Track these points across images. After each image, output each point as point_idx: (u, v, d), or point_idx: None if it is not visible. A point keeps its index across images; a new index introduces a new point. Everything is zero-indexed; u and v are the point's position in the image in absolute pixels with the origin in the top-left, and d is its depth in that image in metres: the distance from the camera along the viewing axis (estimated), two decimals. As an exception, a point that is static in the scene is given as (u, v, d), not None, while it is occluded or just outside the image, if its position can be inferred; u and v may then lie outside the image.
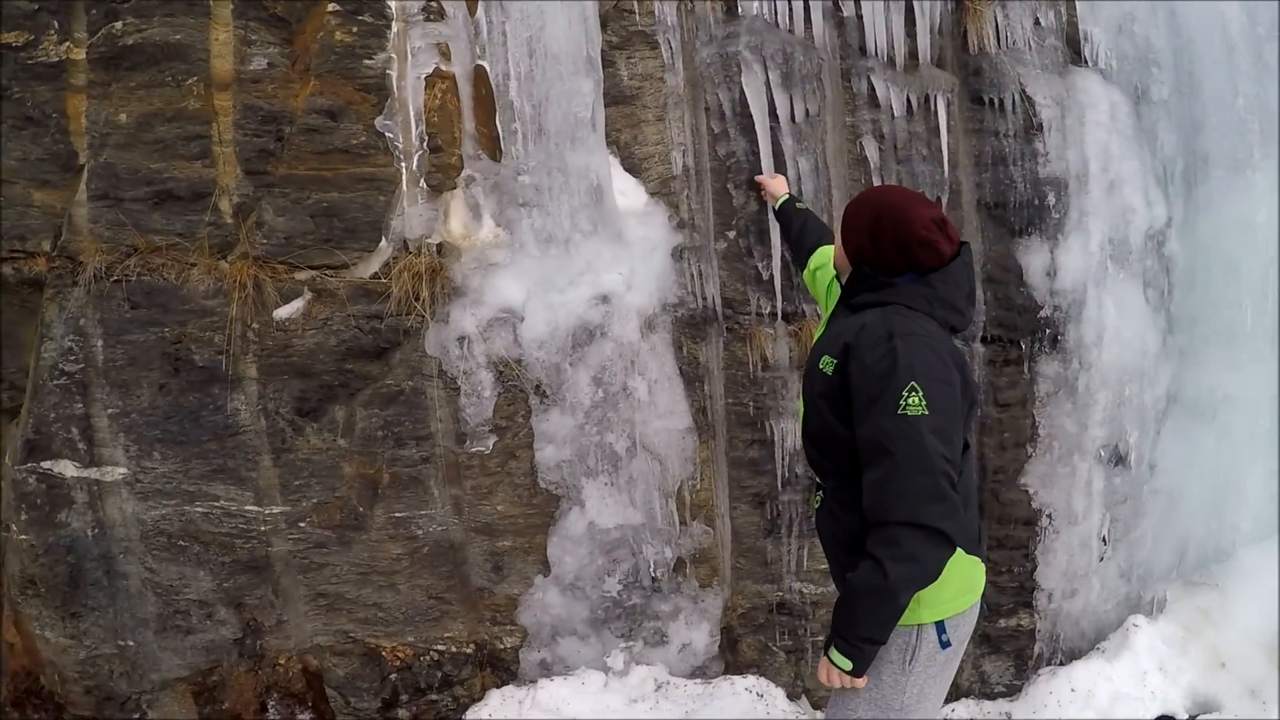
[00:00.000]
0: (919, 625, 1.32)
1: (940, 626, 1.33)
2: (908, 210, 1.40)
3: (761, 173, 2.24)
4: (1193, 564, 2.67)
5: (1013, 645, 2.48)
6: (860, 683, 1.30)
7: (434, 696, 2.34)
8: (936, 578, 1.27)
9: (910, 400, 1.24)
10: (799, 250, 2.03)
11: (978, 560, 1.42)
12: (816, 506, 1.48)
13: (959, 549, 1.30)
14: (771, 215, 2.21)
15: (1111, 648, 2.52)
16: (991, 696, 2.48)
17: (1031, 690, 2.46)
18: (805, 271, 1.98)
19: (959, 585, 1.36)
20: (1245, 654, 2.53)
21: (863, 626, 1.26)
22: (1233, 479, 2.64)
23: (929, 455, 1.23)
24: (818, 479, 1.48)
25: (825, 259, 1.82)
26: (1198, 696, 2.48)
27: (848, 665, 1.29)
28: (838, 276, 1.61)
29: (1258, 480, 2.68)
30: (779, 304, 2.27)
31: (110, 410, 2.23)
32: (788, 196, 2.15)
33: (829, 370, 1.37)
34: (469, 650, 2.34)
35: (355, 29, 2.17)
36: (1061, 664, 2.49)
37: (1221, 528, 2.67)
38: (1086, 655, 2.50)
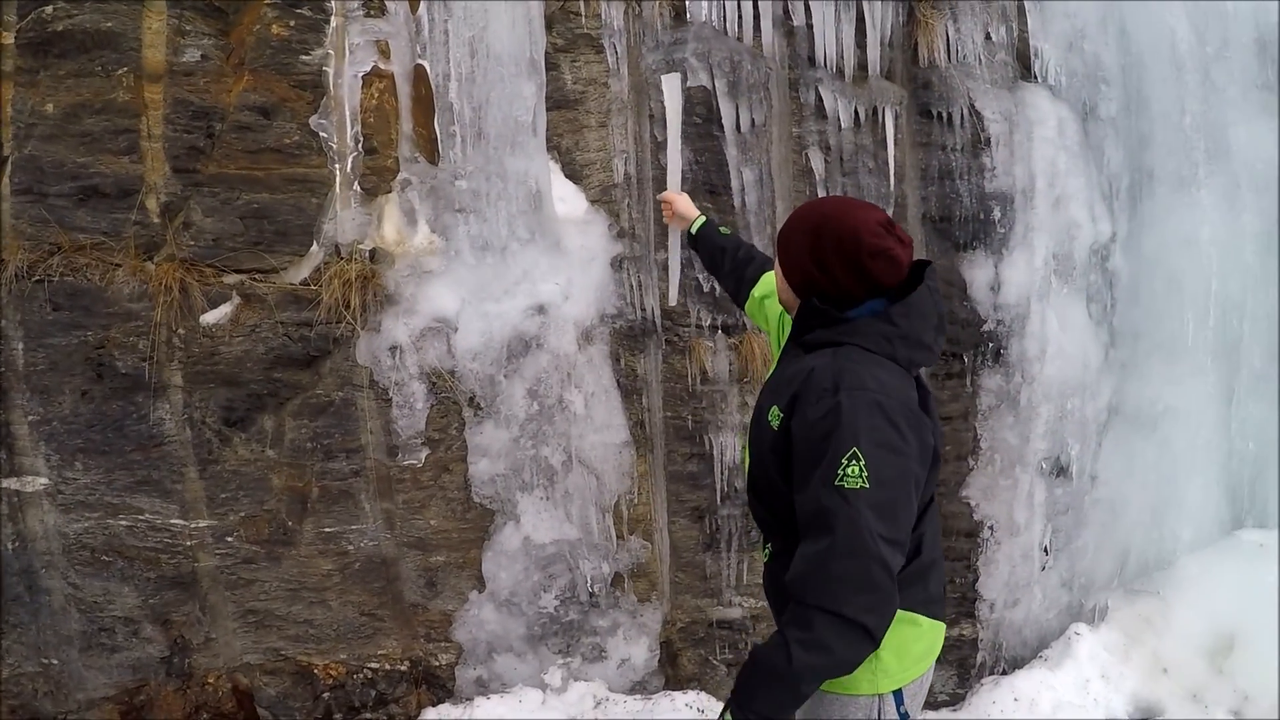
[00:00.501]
0: (878, 695, 1.23)
1: (899, 696, 1.24)
2: (848, 219, 1.21)
3: (707, 186, 2.13)
4: (1134, 572, 2.71)
5: (955, 655, 2.49)
6: None
7: (368, 715, 2.28)
8: (849, 672, 1.15)
9: (850, 470, 1.10)
10: (737, 280, 1.78)
11: (939, 624, 1.30)
12: (766, 560, 1.34)
13: (910, 612, 1.22)
14: (676, 240, 1.94)
15: (1054, 656, 2.55)
16: (935, 706, 2.49)
17: (974, 699, 2.48)
18: (749, 303, 1.74)
19: (921, 651, 1.27)
20: (1186, 660, 2.58)
21: (759, 703, 1.13)
22: (1173, 489, 2.69)
23: (863, 537, 1.09)
24: (763, 532, 1.34)
25: (769, 289, 1.64)
26: (1140, 702, 2.53)
27: None
28: (785, 310, 1.39)
29: (1197, 490, 2.73)
30: (719, 316, 2.23)
31: (31, 417, 2.13)
32: (704, 220, 1.92)
33: (775, 424, 1.21)
34: (403, 668, 2.28)
35: (293, 23, 2.09)
36: (1004, 673, 2.51)
37: (1162, 536, 2.72)
38: (1029, 664, 2.53)
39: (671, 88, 1.78)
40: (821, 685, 1.20)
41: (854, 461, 1.11)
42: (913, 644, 1.25)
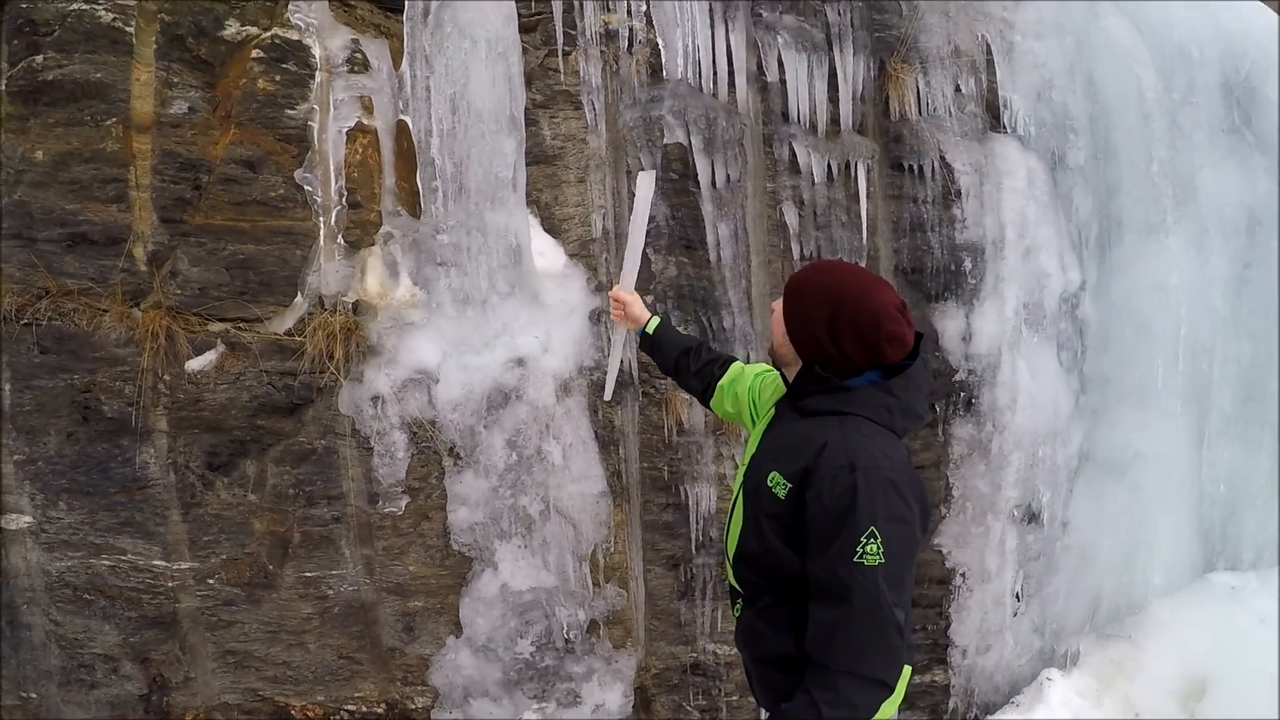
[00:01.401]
0: None
1: None
2: (868, 300, 1.26)
3: (683, 241, 2.12)
4: (1105, 617, 2.74)
5: (927, 701, 2.52)
6: None
7: (345, 756, 2.31)
8: None
9: (868, 548, 1.19)
10: (705, 380, 1.72)
11: (908, 668, 1.37)
12: (737, 616, 1.40)
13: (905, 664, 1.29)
14: (620, 339, 1.83)
15: (1026, 701, 2.58)
16: (908, 750, 2.53)
17: (947, 744, 2.51)
18: (716, 396, 1.70)
19: (900, 691, 1.35)
20: (1159, 704, 2.61)
21: None
22: (1144, 534, 2.73)
23: (881, 608, 1.19)
24: (740, 591, 1.39)
25: (739, 373, 1.67)
26: (1112, 747, 2.55)
27: None
28: (778, 366, 1.42)
29: (1168, 534, 2.77)
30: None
31: (16, 456, 2.17)
32: (659, 318, 1.84)
33: (781, 494, 1.27)
34: (380, 710, 2.31)
35: (278, 77, 2.15)
36: (976, 719, 2.54)
37: (1133, 581, 2.75)
38: (1001, 709, 2.55)
39: (646, 184, 1.61)
40: None
41: (872, 539, 1.20)
42: (897, 688, 1.33)
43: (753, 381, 1.59)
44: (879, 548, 1.20)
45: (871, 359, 1.28)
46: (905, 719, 2.51)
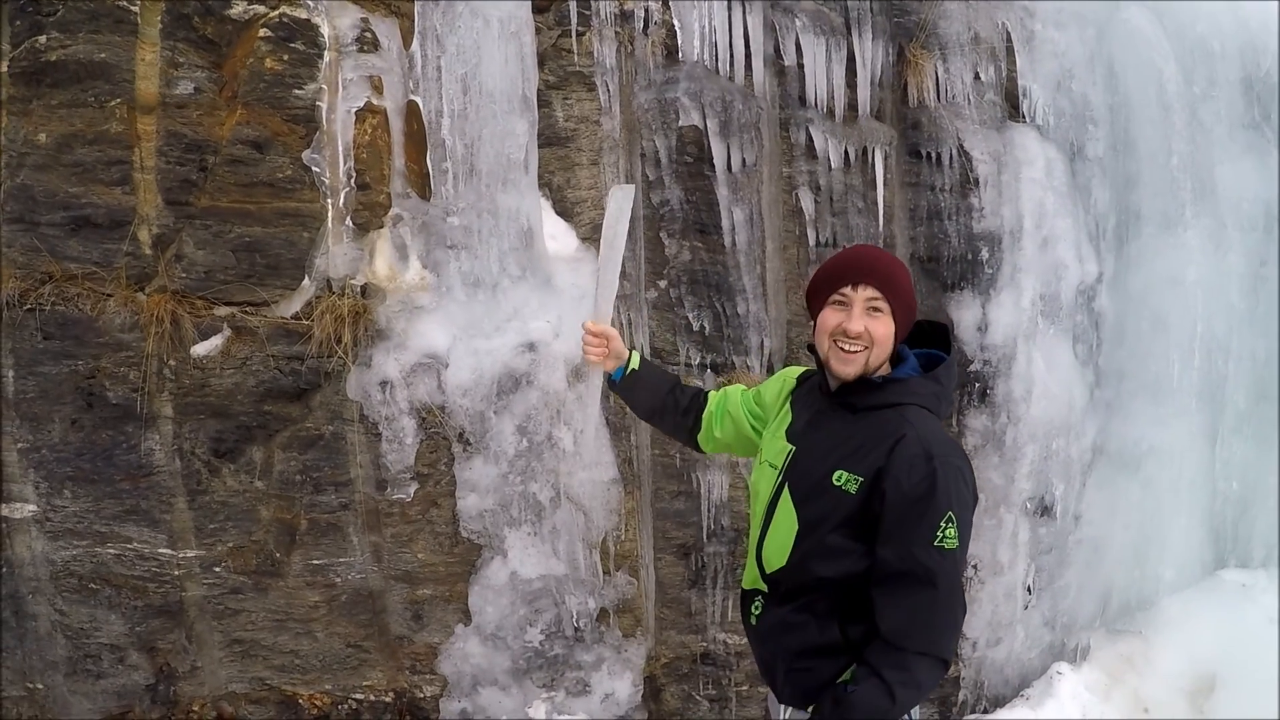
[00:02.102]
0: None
1: (909, 715, 1.35)
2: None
3: (697, 226, 2.08)
4: (1116, 612, 2.73)
5: (937, 693, 2.51)
6: None
7: (352, 745, 2.30)
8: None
9: (947, 533, 1.24)
10: (691, 410, 1.61)
11: None
12: (757, 614, 1.40)
13: None
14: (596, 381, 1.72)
15: (1036, 695, 2.57)
16: (916, 743, 2.52)
17: (956, 737, 2.51)
18: (705, 427, 1.60)
19: None
20: (1168, 700, 2.60)
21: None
22: (1156, 529, 2.72)
23: (957, 590, 1.26)
24: (764, 591, 1.38)
25: (722, 396, 1.61)
26: (1121, 742, 2.55)
27: None
28: (841, 379, 1.34)
29: (1180, 530, 2.76)
30: (709, 355, 2.24)
31: (20, 444, 2.14)
32: (639, 354, 1.65)
33: (853, 489, 1.28)
34: (388, 699, 2.29)
35: (286, 57, 2.10)
36: (986, 711, 2.53)
37: (1144, 576, 2.75)
38: (1011, 702, 2.55)
39: (622, 200, 1.43)
40: None
41: (950, 524, 1.25)
42: None
43: (742, 396, 1.56)
44: (956, 532, 1.25)
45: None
46: (915, 711, 2.50)
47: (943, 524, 1.24)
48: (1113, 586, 2.71)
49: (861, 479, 1.27)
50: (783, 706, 1.38)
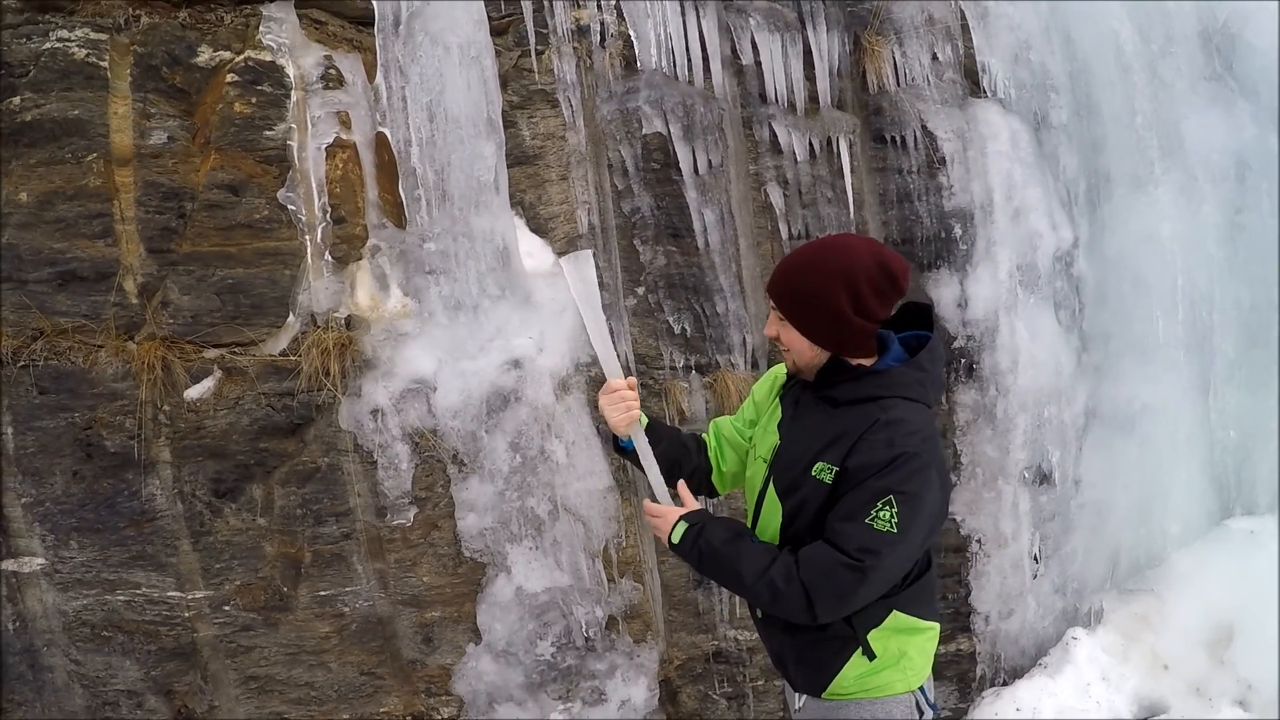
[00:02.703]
0: (910, 691, 1.36)
1: (923, 691, 1.38)
2: (861, 253, 1.28)
3: (670, 230, 2.09)
4: (1126, 572, 2.73)
5: (954, 670, 2.51)
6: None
7: (374, 772, 2.31)
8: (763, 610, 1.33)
9: (882, 514, 1.22)
10: (699, 453, 1.57)
11: (937, 624, 1.42)
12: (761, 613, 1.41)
13: (929, 621, 1.35)
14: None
15: (1053, 663, 2.57)
16: (938, 722, 2.51)
17: (976, 713, 2.50)
18: (715, 469, 1.58)
19: (933, 649, 1.42)
20: (1187, 654, 2.60)
21: (708, 541, 1.30)
22: (1158, 486, 2.72)
23: (869, 571, 1.22)
24: None
25: (717, 426, 1.59)
26: (1143, 701, 2.54)
27: (676, 539, 1.35)
28: (798, 377, 1.38)
29: (1182, 484, 2.76)
30: (692, 357, 2.27)
31: (24, 499, 2.17)
32: (648, 419, 1.56)
33: (828, 478, 1.28)
34: (406, 723, 2.32)
35: (254, 99, 2.14)
36: (1005, 684, 2.53)
37: (1151, 534, 2.74)
38: (1029, 673, 2.54)
39: (579, 267, 1.35)
40: (859, 692, 1.36)
41: (888, 508, 1.23)
42: (929, 645, 1.42)
43: (730, 421, 1.56)
44: (892, 516, 1.22)
45: (891, 305, 1.30)
46: (934, 689, 2.49)
47: (881, 504, 1.23)
48: (1120, 547, 2.70)
49: (835, 469, 1.28)
50: (797, 695, 1.39)
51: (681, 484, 1.44)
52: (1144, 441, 2.65)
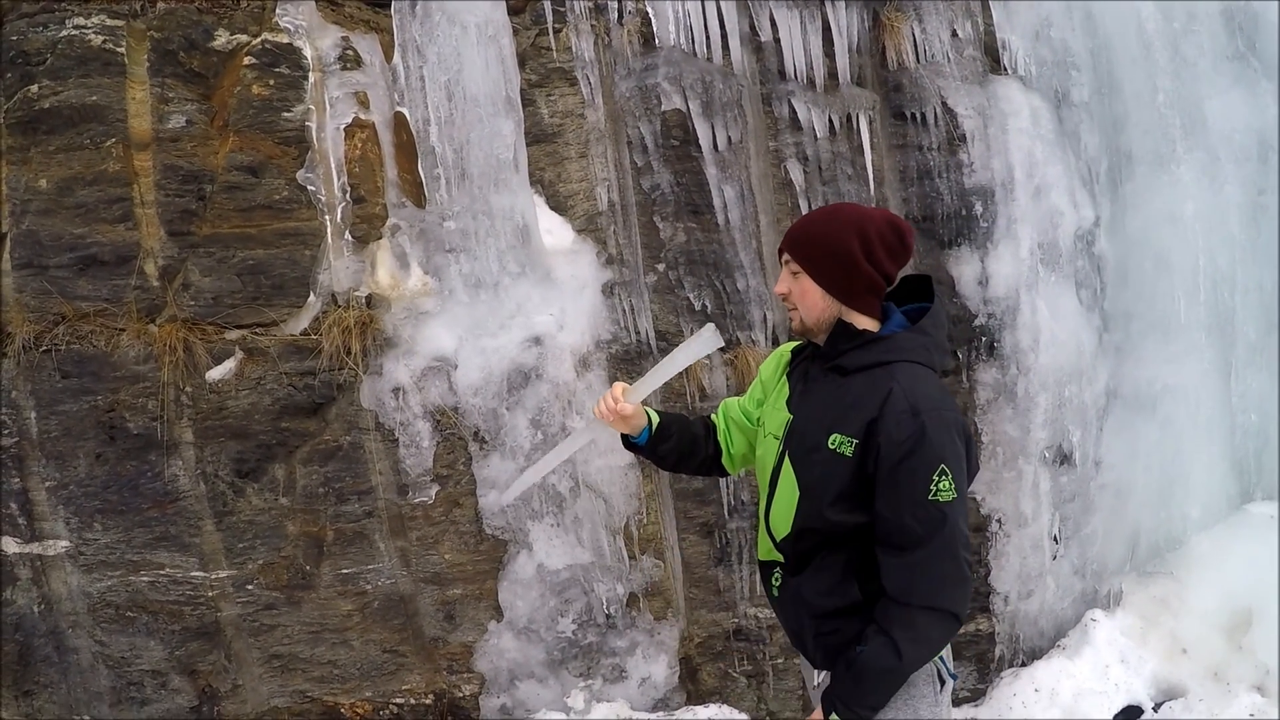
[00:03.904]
0: (931, 660, 1.34)
1: (943, 660, 1.37)
2: (872, 212, 1.34)
3: (690, 207, 2.11)
4: (1146, 555, 2.71)
5: (973, 650, 2.50)
6: None
7: (397, 750, 2.32)
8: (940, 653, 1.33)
9: (942, 485, 1.23)
10: (708, 438, 1.55)
11: None
12: (778, 586, 1.39)
13: None
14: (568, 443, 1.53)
15: (1072, 644, 2.55)
16: (957, 703, 2.50)
17: (995, 694, 2.49)
18: (724, 451, 1.56)
19: None
20: (1205, 638, 2.58)
21: (870, 698, 1.30)
22: (1178, 468, 2.69)
23: (957, 541, 1.24)
24: (780, 562, 1.37)
25: (724, 408, 1.57)
26: (1161, 684, 2.53)
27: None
28: (810, 340, 1.38)
29: (1203, 467, 2.73)
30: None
31: (48, 483, 2.19)
32: (658, 414, 1.54)
33: (848, 451, 1.27)
34: (428, 701, 2.32)
35: (272, 81, 2.15)
36: (1023, 665, 2.52)
37: (1171, 517, 2.72)
38: (1048, 654, 2.53)
39: (706, 342, 1.39)
40: None
41: (944, 477, 1.24)
42: None
43: (738, 402, 1.56)
44: (951, 484, 1.24)
45: (898, 264, 1.33)
46: (955, 671, 2.49)
47: (936, 477, 1.24)
48: (1140, 529, 2.68)
49: (856, 441, 1.26)
50: (816, 671, 1.38)
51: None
52: (1165, 423, 2.62)
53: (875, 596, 1.29)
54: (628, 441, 1.53)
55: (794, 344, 1.47)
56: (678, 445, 1.52)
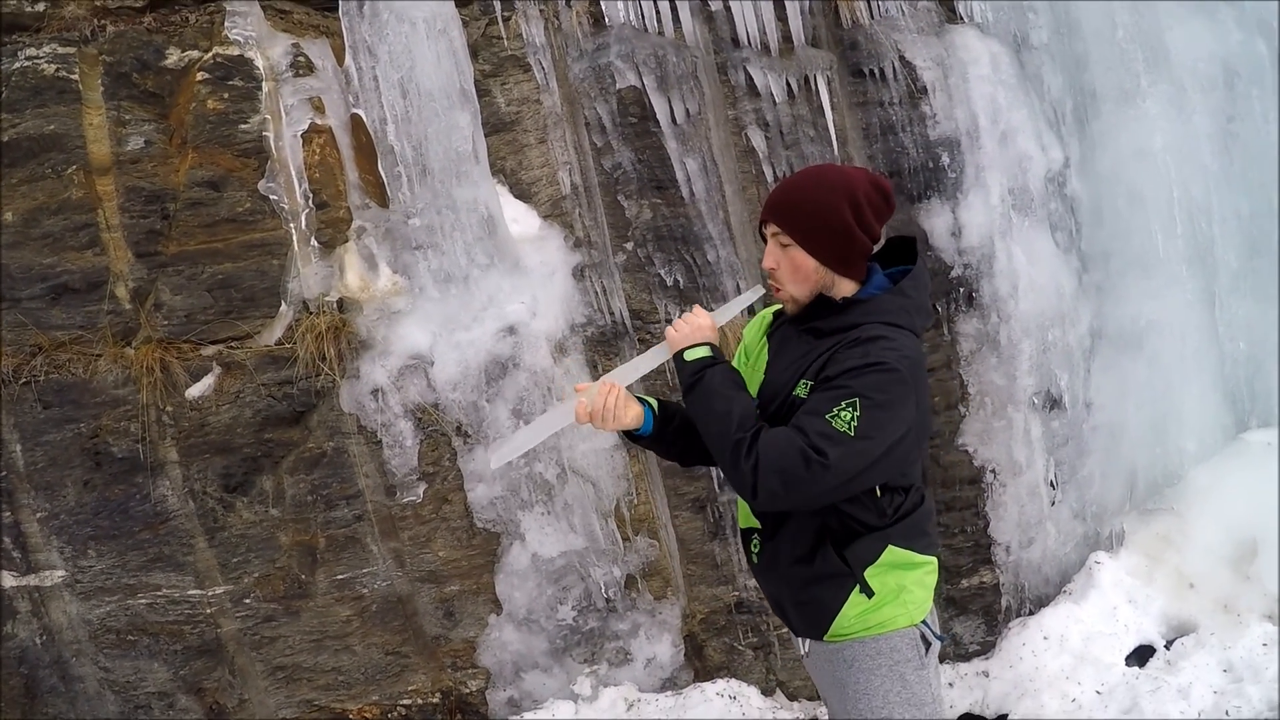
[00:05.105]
0: (913, 625, 1.32)
1: (926, 624, 1.34)
2: (853, 173, 1.32)
3: (653, 183, 2.09)
4: (1145, 493, 2.69)
5: (979, 604, 2.49)
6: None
7: (409, 751, 2.32)
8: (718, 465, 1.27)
9: (842, 414, 1.18)
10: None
11: (935, 558, 1.38)
12: (757, 552, 1.37)
13: (925, 555, 1.31)
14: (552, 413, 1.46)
15: (1077, 589, 2.53)
16: (966, 657, 2.49)
17: (1005, 645, 2.47)
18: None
19: (933, 582, 1.37)
20: (1212, 571, 2.55)
21: (718, 392, 1.25)
22: (1170, 403, 2.67)
23: (811, 465, 1.17)
24: (758, 527, 1.36)
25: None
26: (1171, 621, 2.51)
27: (690, 356, 1.30)
28: (785, 311, 1.36)
29: (1195, 399, 2.71)
30: (687, 308, 2.20)
31: (39, 514, 2.19)
32: (656, 401, 1.50)
33: (803, 393, 1.26)
34: (435, 699, 2.32)
35: (227, 95, 2.14)
36: (1031, 614, 2.50)
37: (1167, 452, 2.69)
38: (1054, 601, 2.51)
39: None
40: (860, 631, 1.32)
41: (851, 409, 1.19)
42: (928, 579, 1.37)
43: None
44: (853, 419, 1.18)
45: (883, 222, 1.31)
46: (960, 624, 2.49)
47: (844, 404, 1.20)
48: (1137, 468, 2.65)
49: (812, 383, 1.25)
50: (800, 640, 1.36)
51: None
52: (1152, 359, 2.60)
53: (853, 563, 1.26)
54: (631, 436, 1.45)
55: (775, 307, 1.45)
56: (683, 425, 1.45)
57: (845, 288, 1.31)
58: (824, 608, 1.30)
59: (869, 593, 1.28)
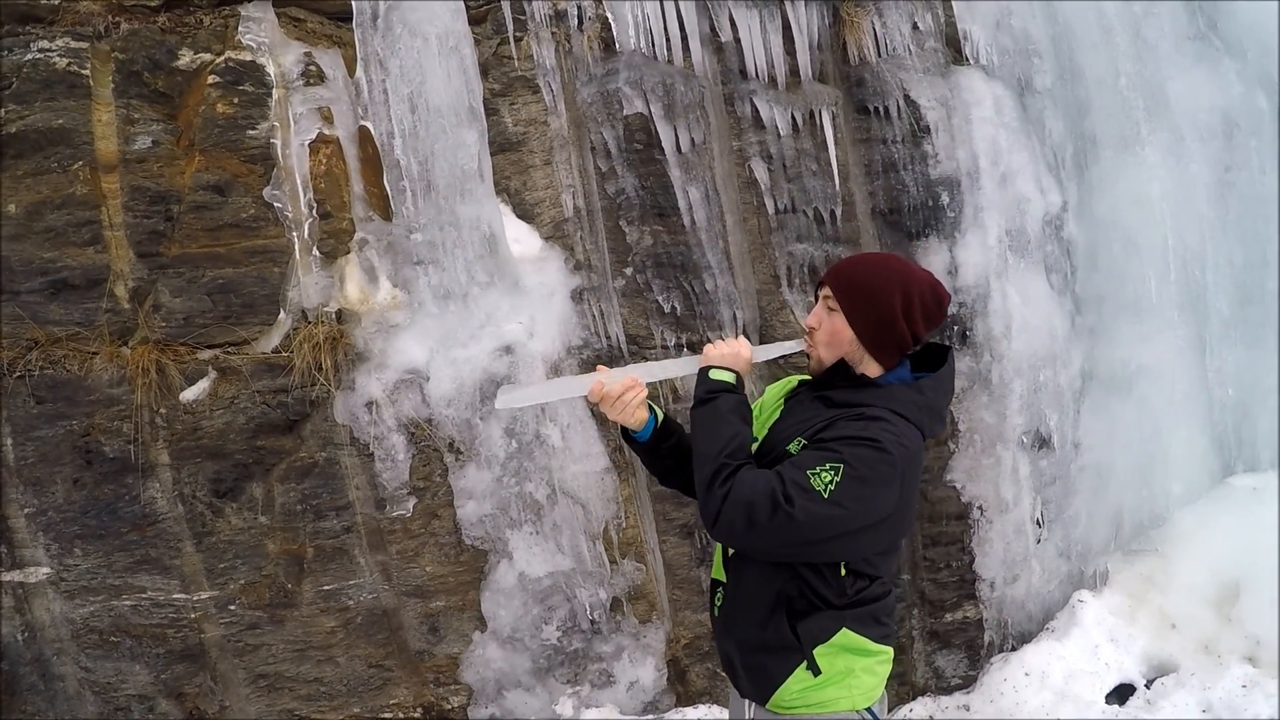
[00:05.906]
0: (855, 711, 1.32)
1: (872, 712, 1.34)
2: (922, 274, 1.34)
3: (655, 210, 2.10)
4: (1130, 533, 2.72)
5: (962, 638, 2.51)
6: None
7: (387, 764, 2.32)
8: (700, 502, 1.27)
9: (823, 476, 1.18)
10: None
11: (890, 650, 1.38)
12: (719, 605, 1.37)
13: (880, 645, 1.32)
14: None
15: (1060, 626, 2.56)
16: (948, 691, 2.51)
17: (986, 679, 2.49)
18: None
19: (885, 671, 1.37)
20: (1194, 613, 2.58)
21: (724, 418, 1.27)
22: (1157, 446, 2.70)
23: (777, 518, 1.16)
24: (724, 580, 1.35)
25: None
26: (1152, 660, 2.53)
27: (715, 376, 1.32)
28: (808, 370, 1.38)
29: (1182, 443, 2.74)
30: (683, 335, 2.26)
31: (26, 510, 2.18)
32: (663, 414, 1.48)
33: (796, 450, 1.26)
34: (416, 714, 2.32)
35: (236, 99, 2.15)
36: (1013, 649, 2.52)
37: (1153, 494, 2.72)
38: (1037, 637, 2.54)
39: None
40: (801, 707, 1.31)
41: (833, 473, 1.19)
42: (880, 667, 1.36)
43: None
44: (833, 484, 1.18)
45: (931, 328, 1.34)
46: (943, 658, 2.50)
47: (827, 465, 1.20)
48: (1123, 508, 2.68)
49: (805, 441, 1.25)
50: (746, 702, 1.34)
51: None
52: (1142, 402, 2.63)
53: (804, 638, 1.26)
54: (627, 435, 1.47)
55: (803, 376, 1.45)
56: (679, 445, 1.45)
57: (871, 368, 1.32)
58: (769, 676, 1.29)
59: (815, 670, 1.27)
